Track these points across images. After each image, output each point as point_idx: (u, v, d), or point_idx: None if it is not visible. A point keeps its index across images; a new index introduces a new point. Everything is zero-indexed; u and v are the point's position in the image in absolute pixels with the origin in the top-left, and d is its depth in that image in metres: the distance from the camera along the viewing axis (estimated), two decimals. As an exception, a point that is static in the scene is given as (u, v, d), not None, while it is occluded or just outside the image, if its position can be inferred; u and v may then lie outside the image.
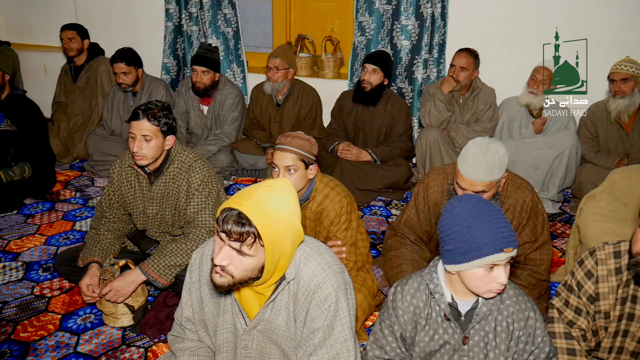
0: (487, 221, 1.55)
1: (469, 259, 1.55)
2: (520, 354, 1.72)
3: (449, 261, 1.62)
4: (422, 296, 1.77)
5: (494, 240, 1.53)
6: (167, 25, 4.87)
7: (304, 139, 2.42)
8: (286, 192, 1.58)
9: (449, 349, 1.75)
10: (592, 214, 2.68)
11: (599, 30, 4.02)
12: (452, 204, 1.63)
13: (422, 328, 1.77)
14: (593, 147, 3.82)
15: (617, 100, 3.62)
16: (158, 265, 2.54)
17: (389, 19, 4.31)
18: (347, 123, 4.17)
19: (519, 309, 1.71)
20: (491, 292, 1.61)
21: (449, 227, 1.60)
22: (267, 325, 1.77)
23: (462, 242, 1.56)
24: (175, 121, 2.61)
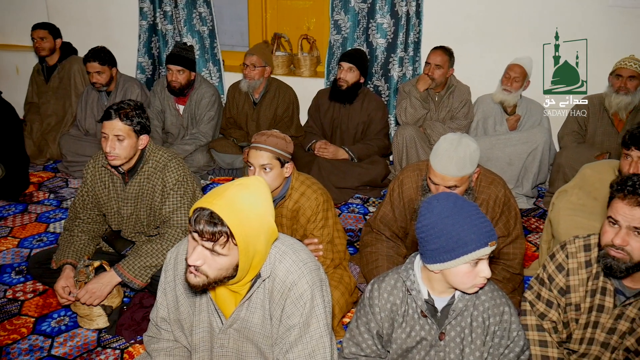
0: (469, 217, 1.57)
1: (456, 255, 1.56)
2: (495, 348, 1.74)
3: (432, 260, 1.62)
4: (399, 293, 1.79)
5: (479, 235, 1.55)
6: (141, 24, 4.82)
7: (279, 137, 2.42)
8: (259, 190, 1.58)
9: (425, 345, 1.77)
10: (563, 208, 2.73)
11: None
12: (430, 203, 1.63)
13: (399, 325, 1.78)
14: (577, 139, 3.85)
15: (620, 96, 3.62)
16: (133, 266, 2.52)
17: (365, 17, 4.33)
18: (324, 121, 4.18)
19: (494, 304, 1.73)
20: (475, 286, 1.64)
21: (431, 226, 1.60)
22: (243, 323, 1.77)
23: (447, 240, 1.56)
24: (148, 120, 2.58)
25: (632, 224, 1.67)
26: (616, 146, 3.70)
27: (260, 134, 2.42)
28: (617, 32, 3.98)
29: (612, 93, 3.67)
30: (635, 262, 1.70)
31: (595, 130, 3.81)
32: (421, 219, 1.64)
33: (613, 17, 3.97)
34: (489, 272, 1.61)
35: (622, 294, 1.85)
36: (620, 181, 1.73)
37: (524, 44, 4.16)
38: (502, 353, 1.75)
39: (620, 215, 1.70)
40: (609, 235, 1.74)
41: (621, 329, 1.85)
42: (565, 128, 3.93)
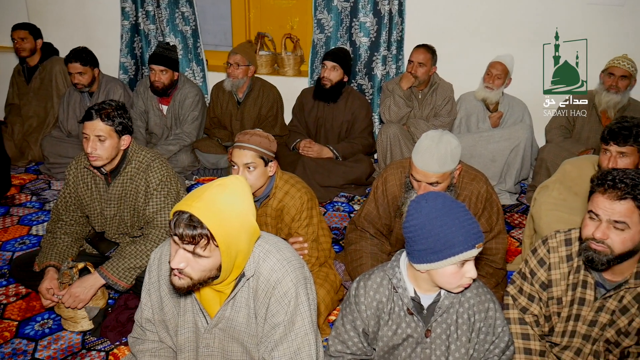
0: (458, 218, 1.57)
1: (443, 257, 1.57)
2: (481, 344, 1.76)
3: (419, 260, 1.62)
4: (385, 291, 1.79)
5: (467, 237, 1.56)
6: (123, 24, 4.78)
7: (263, 136, 2.42)
8: (238, 190, 1.58)
9: (411, 342, 1.79)
10: (545, 203, 2.76)
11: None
12: (419, 203, 1.63)
13: (385, 323, 1.79)
14: (563, 134, 3.88)
15: (611, 95, 3.65)
16: (117, 268, 2.51)
17: (348, 16, 4.34)
18: (309, 120, 4.18)
19: (480, 300, 1.75)
20: (461, 286, 1.65)
21: (419, 227, 1.60)
22: (228, 322, 1.77)
23: (435, 242, 1.57)
24: (131, 120, 2.57)
25: (612, 218, 1.70)
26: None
27: (243, 133, 2.41)
28: (596, 31, 4.04)
29: (602, 91, 3.69)
30: (615, 255, 1.73)
31: (582, 126, 3.84)
32: (409, 219, 1.64)
33: (592, 15, 4.03)
34: (475, 273, 1.62)
35: (602, 287, 1.88)
36: (600, 176, 1.76)
37: (505, 41, 4.20)
38: (487, 349, 1.77)
39: (601, 209, 1.72)
40: (589, 229, 1.76)
41: (602, 321, 1.88)
42: (553, 122, 3.95)
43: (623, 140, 2.43)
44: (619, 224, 1.69)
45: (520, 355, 1.98)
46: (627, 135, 2.42)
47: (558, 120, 3.92)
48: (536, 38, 4.17)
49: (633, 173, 1.72)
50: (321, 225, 2.70)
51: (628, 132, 2.43)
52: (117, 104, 2.51)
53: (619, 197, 1.68)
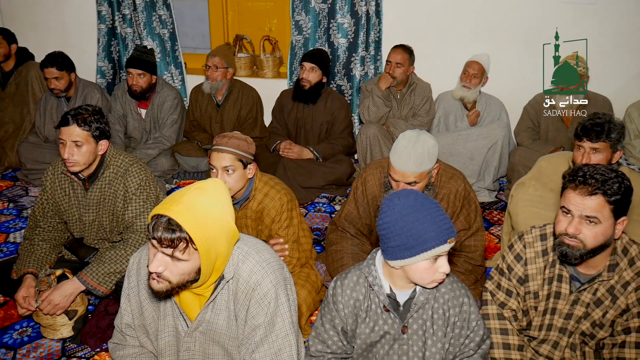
0: (430, 214, 1.59)
1: (416, 253, 1.59)
2: (456, 338, 1.79)
3: (393, 257, 1.64)
4: (362, 289, 1.81)
5: (438, 233, 1.58)
6: (100, 27, 4.74)
7: (241, 138, 2.42)
8: (217, 193, 1.58)
9: (389, 338, 1.80)
10: (521, 200, 2.80)
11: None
12: (391, 200, 1.65)
13: (363, 320, 1.81)
14: (532, 136, 3.97)
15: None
16: (97, 273, 2.49)
17: (325, 17, 4.36)
18: (288, 122, 4.19)
19: (454, 295, 1.77)
20: (435, 281, 1.67)
21: (392, 223, 1.62)
22: (209, 325, 1.77)
23: (407, 238, 1.59)
24: (108, 125, 2.55)
25: (584, 213, 1.74)
26: (567, 140, 3.84)
27: (222, 136, 2.41)
28: (567, 30, 4.10)
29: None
30: (588, 250, 1.76)
31: (547, 127, 3.95)
32: (382, 216, 1.66)
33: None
34: (448, 268, 1.65)
35: (577, 281, 1.92)
36: (571, 172, 1.80)
37: (482, 40, 4.26)
38: (462, 343, 1.80)
39: (573, 205, 1.76)
40: (562, 225, 1.80)
41: (577, 314, 1.92)
42: (521, 125, 4.06)
43: (595, 137, 2.48)
44: (590, 219, 1.73)
45: (499, 350, 2.01)
46: (599, 132, 2.47)
47: (524, 122, 4.02)
48: (512, 37, 4.24)
49: (603, 169, 1.76)
50: (302, 226, 2.71)
51: (600, 128, 2.48)
52: (94, 109, 2.49)
53: (589, 192, 1.71)
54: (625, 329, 1.81)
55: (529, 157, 3.64)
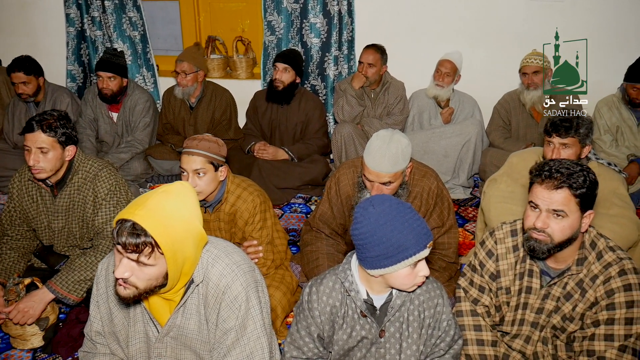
0: (406, 221, 1.58)
1: (396, 261, 1.57)
2: (428, 339, 1.79)
3: (372, 266, 1.62)
4: (338, 295, 1.79)
5: (418, 239, 1.57)
6: (68, 30, 4.67)
7: (212, 141, 2.39)
8: (183, 196, 1.56)
9: (366, 343, 1.79)
10: (493, 196, 2.83)
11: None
12: (366, 209, 1.61)
13: (340, 327, 1.79)
14: (503, 134, 4.02)
15: (531, 92, 3.82)
16: (67, 281, 2.44)
17: (298, 17, 4.35)
18: (263, 123, 4.17)
19: (429, 297, 1.78)
20: (416, 285, 1.67)
21: (369, 234, 1.59)
22: (180, 330, 1.75)
23: (387, 247, 1.56)
24: (75, 130, 2.50)
25: (551, 207, 1.75)
26: (538, 136, 3.89)
27: (192, 139, 2.38)
28: (534, 27, 4.16)
29: (524, 89, 3.88)
30: (555, 243, 1.78)
31: (518, 124, 4.01)
32: (358, 226, 1.62)
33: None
34: (427, 271, 1.64)
35: (547, 275, 1.93)
36: (538, 167, 1.82)
37: (454, 38, 4.29)
38: (434, 343, 1.80)
39: (540, 199, 1.77)
40: (531, 219, 1.81)
41: (548, 308, 1.93)
42: (492, 124, 4.11)
43: (565, 132, 2.51)
44: (557, 213, 1.74)
45: (473, 346, 2.02)
46: (568, 127, 2.51)
47: (495, 121, 4.08)
48: (484, 35, 4.28)
49: (568, 163, 1.77)
50: (276, 227, 2.69)
51: (569, 123, 2.51)
52: (60, 114, 2.44)
53: (555, 186, 1.73)
54: (594, 322, 1.83)
55: (499, 158, 3.68)
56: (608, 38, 4.08)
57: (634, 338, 1.78)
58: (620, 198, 2.66)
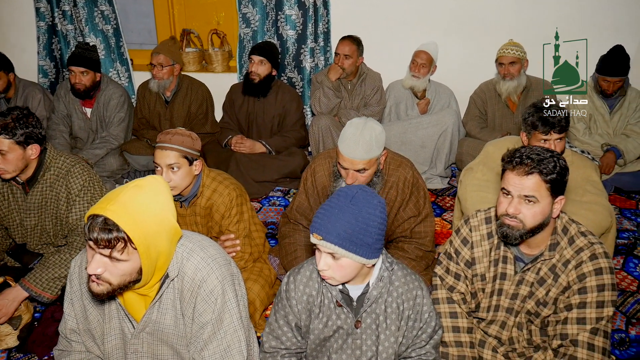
0: (341, 207, 1.62)
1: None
2: (409, 330, 1.80)
3: None
4: (315, 284, 1.80)
5: (320, 222, 1.63)
6: (39, 25, 4.57)
7: (185, 135, 2.37)
8: (155, 190, 1.55)
9: (342, 333, 1.80)
10: (470, 185, 2.85)
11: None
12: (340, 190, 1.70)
13: (316, 316, 1.80)
14: (480, 124, 4.06)
15: (507, 82, 3.86)
16: (41, 279, 2.40)
17: (273, 9, 4.32)
18: (240, 116, 4.14)
19: (407, 289, 1.78)
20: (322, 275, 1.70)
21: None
22: (156, 326, 1.73)
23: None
24: (40, 127, 2.42)
25: (522, 193, 1.78)
26: (513, 126, 3.94)
27: (165, 133, 2.36)
28: (505, 18, 4.19)
29: (500, 80, 3.92)
30: (527, 229, 1.80)
31: (494, 114, 4.04)
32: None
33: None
34: (321, 265, 1.66)
35: (521, 261, 1.96)
36: (509, 154, 1.84)
37: (429, 29, 4.31)
38: (415, 335, 1.81)
39: (512, 186, 1.80)
40: (503, 206, 1.84)
41: (522, 293, 1.96)
42: (468, 115, 4.15)
43: (565, 127, 2.54)
44: (529, 198, 1.77)
45: (449, 333, 2.04)
46: (565, 126, 2.54)
47: (472, 111, 4.11)
48: (459, 25, 4.30)
49: (539, 149, 1.80)
50: (253, 220, 2.68)
51: (565, 121, 2.54)
52: (19, 113, 2.35)
53: (526, 172, 1.75)
54: (567, 306, 1.86)
55: (476, 147, 3.71)
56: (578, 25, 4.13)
57: (605, 321, 1.81)
58: (593, 185, 2.70)
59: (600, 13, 4.13)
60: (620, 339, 2.50)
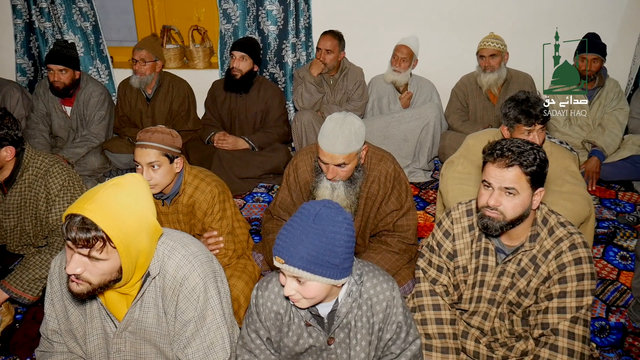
0: (305, 230, 1.52)
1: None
2: (379, 342, 1.76)
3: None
4: (283, 302, 1.74)
5: (283, 246, 1.54)
6: (16, 22, 4.50)
7: (165, 132, 2.35)
8: (134, 188, 1.53)
9: (315, 349, 1.77)
10: (451, 178, 2.87)
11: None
12: (305, 207, 1.59)
13: (286, 334, 1.76)
14: (461, 117, 4.08)
15: (488, 75, 3.90)
16: (21, 280, 2.37)
17: (254, 4, 4.29)
18: (222, 112, 4.12)
19: (377, 300, 1.72)
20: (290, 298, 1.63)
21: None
22: (138, 324, 1.73)
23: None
24: (14, 129, 2.36)
25: (502, 185, 1.79)
26: (495, 119, 3.97)
27: (145, 131, 2.33)
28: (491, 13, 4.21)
29: (481, 72, 3.95)
30: (508, 221, 1.82)
31: (475, 107, 4.07)
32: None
33: None
34: (286, 290, 1.58)
35: (502, 252, 1.98)
36: (490, 147, 1.85)
37: (410, 23, 4.32)
38: (385, 346, 1.78)
39: (492, 178, 1.81)
40: (484, 198, 1.85)
41: (504, 284, 1.98)
42: (450, 108, 4.17)
43: (547, 117, 2.57)
44: (509, 190, 1.78)
45: (433, 325, 2.06)
46: (547, 117, 2.57)
47: (453, 104, 4.14)
48: (439, 19, 4.31)
49: (519, 142, 1.81)
50: (236, 217, 2.67)
51: (546, 111, 2.56)
52: None
53: (507, 164, 1.77)
54: (547, 296, 1.88)
55: (458, 140, 3.72)
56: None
57: (584, 309, 1.84)
58: (572, 175, 2.73)
59: (577, 6, 4.17)
60: (600, 326, 2.54)
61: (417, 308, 2.11)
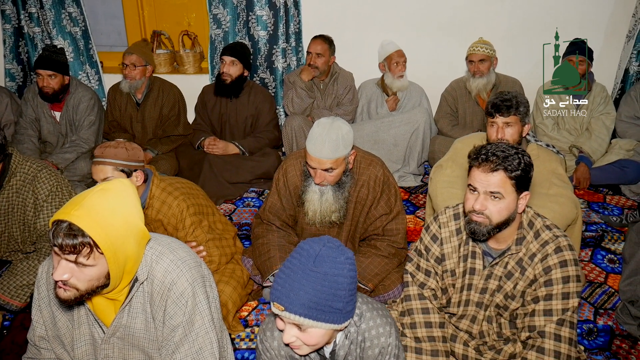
0: (303, 274, 1.45)
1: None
2: None
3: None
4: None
5: (282, 291, 1.47)
6: (5, 27, 4.48)
7: (119, 146, 2.28)
8: (122, 193, 1.53)
9: None
10: (440, 181, 2.88)
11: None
12: (303, 248, 1.51)
13: None
14: (451, 122, 4.11)
15: (477, 80, 3.94)
16: (9, 286, 2.36)
17: (244, 10, 4.31)
18: (212, 117, 4.12)
19: (370, 345, 1.68)
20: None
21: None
22: (126, 330, 1.72)
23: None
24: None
25: (488, 189, 1.81)
26: (484, 123, 3.98)
27: (99, 147, 2.27)
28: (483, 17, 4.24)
29: (470, 77, 3.98)
30: (494, 225, 1.84)
31: (465, 112, 4.11)
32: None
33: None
34: (286, 338, 1.51)
35: (489, 256, 2.00)
36: (475, 151, 1.87)
37: (399, 27, 4.35)
38: None
39: (478, 182, 1.83)
40: (470, 202, 1.87)
41: (491, 287, 2.00)
42: (439, 112, 4.21)
43: (506, 111, 2.59)
44: (494, 195, 1.80)
45: (422, 329, 2.07)
46: (510, 106, 2.58)
47: (443, 109, 4.18)
48: (429, 24, 4.35)
49: (504, 146, 1.83)
50: (220, 219, 2.65)
51: (510, 102, 2.59)
52: None
53: (491, 169, 1.79)
54: (534, 298, 1.90)
55: (447, 145, 3.73)
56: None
57: (570, 312, 1.85)
58: (559, 178, 2.76)
59: (564, 12, 4.22)
60: (588, 329, 2.56)
61: (406, 312, 2.12)
